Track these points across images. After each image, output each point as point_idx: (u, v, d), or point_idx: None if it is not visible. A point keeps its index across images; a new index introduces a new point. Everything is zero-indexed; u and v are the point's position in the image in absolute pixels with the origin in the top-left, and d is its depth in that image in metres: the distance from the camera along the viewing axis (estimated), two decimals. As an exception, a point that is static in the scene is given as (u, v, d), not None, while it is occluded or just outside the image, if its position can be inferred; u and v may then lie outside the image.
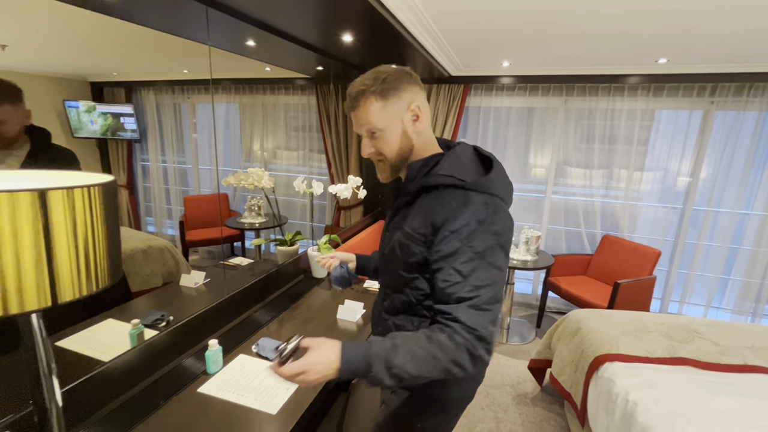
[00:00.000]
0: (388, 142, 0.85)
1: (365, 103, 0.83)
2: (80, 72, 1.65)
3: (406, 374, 0.70)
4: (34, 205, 0.56)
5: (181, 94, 2.75)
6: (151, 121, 2.34)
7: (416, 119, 0.85)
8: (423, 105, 0.86)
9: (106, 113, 1.83)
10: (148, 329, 1.33)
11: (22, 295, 0.58)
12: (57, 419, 0.74)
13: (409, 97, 0.84)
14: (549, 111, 3.14)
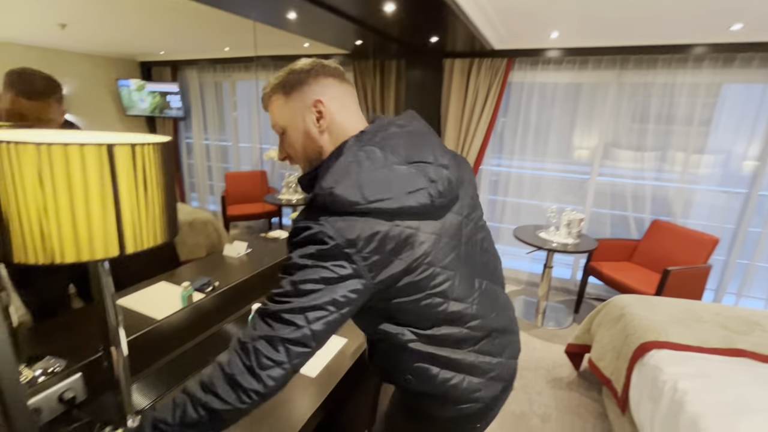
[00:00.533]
0: (291, 142, 0.78)
1: (271, 100, 0.78)
2: (130, 52, 1.72)
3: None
4: (102, 158, 0.59)
5: (222, 72, 2.81)
6: (194, 100, 2.42)
7: (319, 117, 0.74)
8: (332, 101, 0.75)
9: (154, 92, 1.91)
10: (196, 293, 1.41)
11: (92, 244, 0.62)
12: (123, 364, 0.80)
13: (315, 92, 0.74)
14: (599, 87, 2.94)
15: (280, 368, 0.64)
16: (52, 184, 0.57)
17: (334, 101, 0.76)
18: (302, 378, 1.11)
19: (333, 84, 0.76)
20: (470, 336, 0.79)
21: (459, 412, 0.83)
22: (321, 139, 0.76)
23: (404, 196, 0.68)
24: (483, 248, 0.86)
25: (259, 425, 0.93)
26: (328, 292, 0.65)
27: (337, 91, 0.76)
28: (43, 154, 0.56)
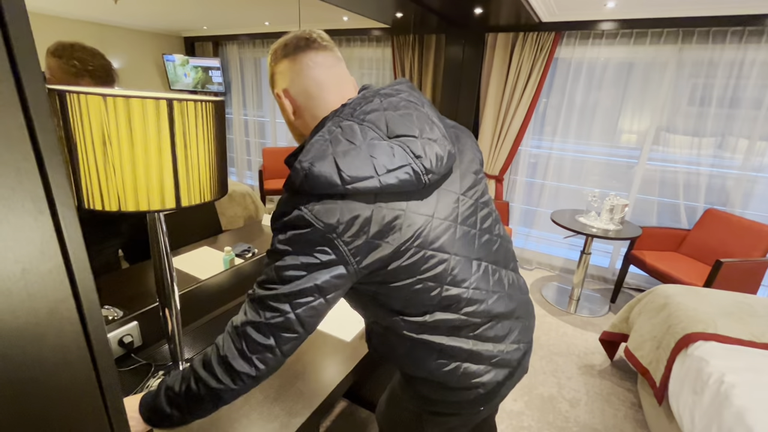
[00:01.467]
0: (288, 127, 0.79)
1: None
2: (175, 27, 1.76)
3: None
4: (161, 111, 0.62)
5: (261, 47, 2.84)
6: (234, 75, 2.47)
7: (291, 103, 0.74)
8: (294, 84, 0.72)
9: (197, 66, 1.96)
10: (237, 258, 1.47)
11: (150, 195, 0.66)
12: (176, 315, 0.85)
13: (279, 83, 0.74)
14: (655, 66, 2.72)
15: (269, 353, 0.64)
16: (117, 134, 0.60)
17: (296, 83, 0.72)
18: (336, 341, 1.14)
19: (289, 67, 0.72)
20: (468, 322, 0.75)
21: (458, 397, 0.81)
22: (297, 123, 0.76)
23: (385, 175, 0.62)
24: (484, 228, 0.80)
25: (291, 385, 0.97)
26: (310, 278, 0.62)
27: (296, 70, 0.72)
28: (109, 105, 0.59)
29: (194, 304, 1.23)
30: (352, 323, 1.22)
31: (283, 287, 0.62)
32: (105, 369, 0.43)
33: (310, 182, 0.60)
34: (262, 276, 0.66)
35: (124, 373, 0.97)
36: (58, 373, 0.39)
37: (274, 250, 0.64)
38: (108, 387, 0.44)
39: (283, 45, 0.73)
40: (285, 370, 1.02)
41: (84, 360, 0.42)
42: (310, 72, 0.72)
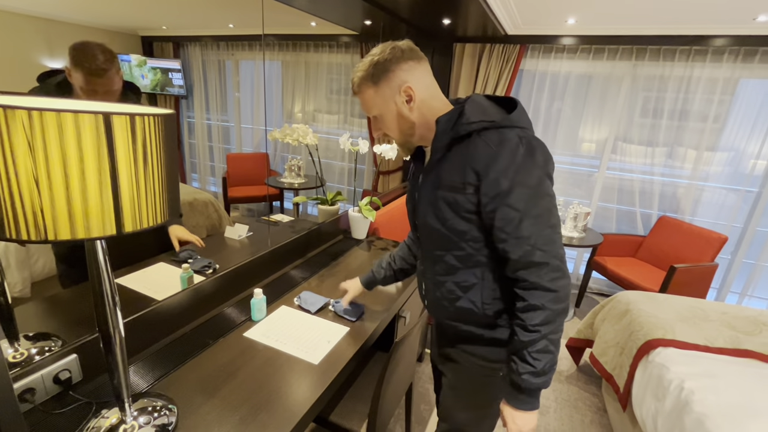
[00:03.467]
0: (387, 124, 0.89)
1: (362, 91, 0.88)
2: (131, 25, 1.65)
3: (546, 367, 0.82)
4: (99, 127, 0.55)
5: (225, 50, 2.73)
6: (197, 78, 2.35)
7: (409, 99, 0.85)
8: (417, 82, 0.85)
9: (156, 68, 1.84)
10: (196, 275, 1.37)
11: (88, 221, 0.58)
12: (120, 346, 0.77)
13: (401, 78, 0.84)
14: (612, 79, 2.86)
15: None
16: (44, 153, 0.53)
17: (419, 82, 0.85)
18: (304, 365, 1.08)
19: (414, 67, 0.85)
20: None
21: None
22: (412, 116, 0.87)
23: None
24: None
25: (253, 418, 0.91)
26: None
27: (419, 71, 0.85)
28: (35, 121, 0.51)
29: (148, 328, 1.13)
30: (320, 345, 1.17)
31: (552, 200, 0.83)
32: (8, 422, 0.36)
33: (520, 119, 0.83)
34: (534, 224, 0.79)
35: (60, 416, 0.86)
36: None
37: (534, 177, 0.79)
38: None
39: (400, 50, 0.84)
40: (246, 400, 0.95)
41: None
42: (424, 74, 0.87)
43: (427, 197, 0.91)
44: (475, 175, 0.80)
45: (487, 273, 0.89)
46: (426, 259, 0.99)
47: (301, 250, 1.82)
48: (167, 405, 0.88)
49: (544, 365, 0.81)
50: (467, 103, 0.85)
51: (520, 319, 0.82)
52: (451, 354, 1.04)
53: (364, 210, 1.92)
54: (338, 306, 1.34)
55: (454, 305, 0.94)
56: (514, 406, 0.86)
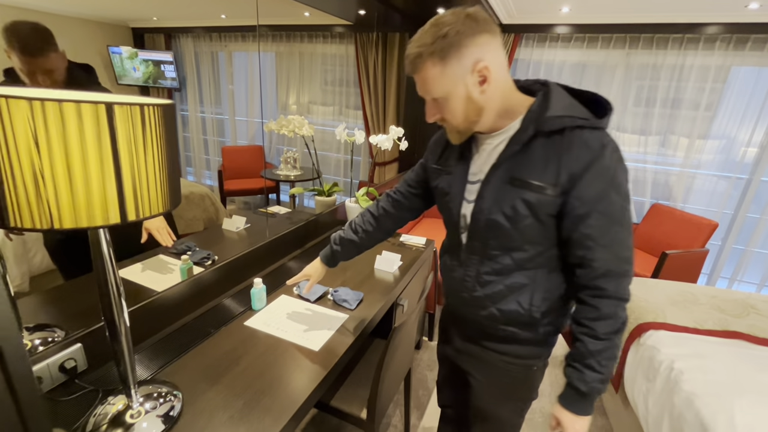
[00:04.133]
0: (450, 109, 0.78)
1: (423, 68, 0.75)
2: (121, 16, 1.63)
3: (612, 372, 0.81)
4: (101, 117, 0.56)
5: (218, 41, 2.70)
6: (189, 70, 2.33)
7: (483, 81, 0.73)
8: (493, 61, 0.73)
9: (148, 60, 1.82)
10: (195, 266, 1.39)
11: (91, 209, 0.59)
12: (125, 335, 0.78)
13: (474, 55, 0.71)
14: (606, 68, 2.87)
15: None
16: (47, 143, 0.53)
17: (495, 59, 0.73)
18: (305, 351, 1.11)
19: (489, 41, 0.72)
20: None
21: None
22: (482, 100, 0.76)
23: None
24: None
25: (257, 403, 0.93)
26: None
27: (494, 46, 0.73)
28: (36, 111, 0.52)
29: (149, 319, 1.14)
30: (320, 332, 1.19)
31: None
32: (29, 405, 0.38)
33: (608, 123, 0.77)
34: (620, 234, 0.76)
35: (68, 403, 0.88)
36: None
37: (625, 187, 0.76)
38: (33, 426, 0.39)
39: (474, 19, 0.71)
40: (249, 386, 0.97)
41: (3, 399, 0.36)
42: (499, 48, 0.75)
43: (494, 193, 0.82)
44: (569, 176, 0.73)
45: (541, 275, 0.85)
46: (471, 256, 0.90)
47: (299, 241, 1.83)
48: (172, 391, 0.90)
49: (611, 371, 0.80)
50: (552, 93, 0.76)
51: (589, 327, 0.79)
52: (478, 353, 1.01)
53: (361, 200, 1.93)
54: (337, 294, 1.36)
55: (497, 306, 0.89)
56: (575, 411, 0.83)
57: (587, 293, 0.80)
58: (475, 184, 0.86)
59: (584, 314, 0.80)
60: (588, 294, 0.80)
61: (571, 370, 0.83)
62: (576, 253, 0.79)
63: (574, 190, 0.74)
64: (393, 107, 3.20)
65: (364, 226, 1.15)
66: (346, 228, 1.18)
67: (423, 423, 1.77)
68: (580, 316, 0.81)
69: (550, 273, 0.85)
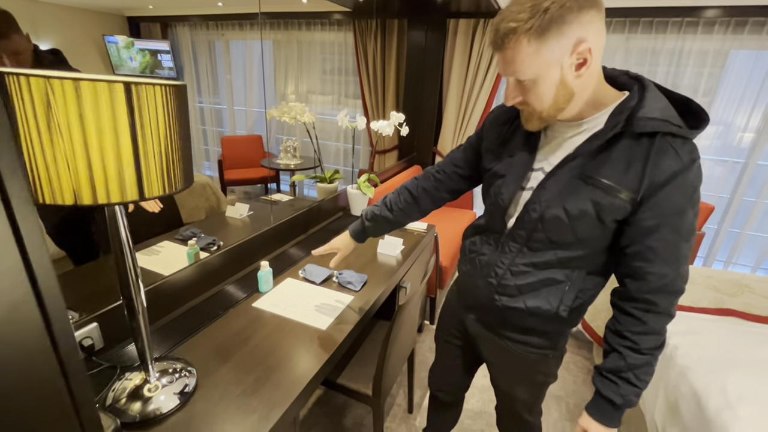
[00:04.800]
0: (538, 94, 0.70)
1: (515, 46, 0.66)
2: (116, 5, 1.62)
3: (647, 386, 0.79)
4: (118, 96, 0.57)
5: (215, 30, 2.68)
6: (186, 59, 2.32)
7: (582, 64, 0.66)
8: (597, 42, 0.65)
9: (144, 50, 1.81)
10: (202, 251, 1.41)
11: (108, 187, 0.61)
12: (143, 313, 0.81)
13: (577, 34, 0.63)
14: (605, 53, 2.84)
15: None
16: (66, 121, 0.55)
17: (598, 40, 0.65)
18: (311, 331, 1.14)
19: (594, 18, 0.63)
20: None
21: None
22: (575, 85, 0.68)
23: None
24: None
25: (267, 378, 0.96)
26: None
27: (598, 24, 0.64)
28: (56, 88, 0.54)
29: (159, 302, 1.17)
30: (326, 312, 1.22)
31: None
32: (73, 372, 0.41)
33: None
34: (684, 251, 0.72)
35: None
36: (22, 378, 0.36)
37: (698, 206, 0.72)
38: (77, 390, 0.42)
39: None
40: (259, 363, 1.00)
41: (50, 364, 0.39)
42: (601, 30, 0.66)
43: (560, 186, 0.76)
44: (650, 184, 0.68)
45: (578, 275, 0.81)
46: (512, 244, 0.86)
47: (302, 227, 1.86)
48: (186, 367, 0.94)
49: (647, 385, 0.78)
50: (648, 91, 0.70)
51: (633, 341, 0.76)
52: (493, 340, 1.00)
53: (362, 187, 1.96)
54: (342, 277, 1.39)
55: (524, 297, 0.86)
56: (605, 423, 0.81)
57: (636, 306, 0.75)
58: (537, 172, 0.81)
59: (628, 327, 0.76)
60: (636, 307, 0.75)
61: (605, 382, 0.80)
62: (632, 264, 0.74)
63: (652, 199, 0.69)
64: (392, 95, 3.19)
65: (400, 204, 1.08)
66: (380, 204, 1.11)
67: (425, 403, 1.82)
68: (624, 328, 0.77)
69: (588, 275, 0.82)
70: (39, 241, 0.35)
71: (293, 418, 0.93)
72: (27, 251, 0.34)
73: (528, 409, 1.08)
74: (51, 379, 0.39)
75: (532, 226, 0.81)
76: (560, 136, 0.78)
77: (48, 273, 0.36)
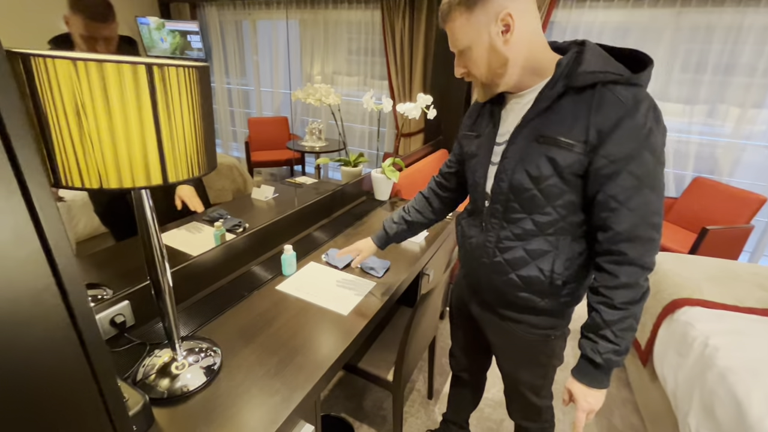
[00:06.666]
0: (474, 60, 0.78)
1: (452, 19, 0.77)
2: None
3: (628, 344, 0.78)
4: (141, 78, 0.56)
5: (242, 9, 2.67)
6: (215, 40, 2.32)
7: (506, 30, 0.73)
8: (519, 9, 0.72)
9: (174, 31, 1.82)
10: (228, 233, 1.43)
11: (133, 170, 0.61)
12: (168, 291, 0.83)
13: (500, 3, 0.71)
14: (651, 31, 2.65)
15: None
16: (92, 104, 0.55)
17: (521, 10, 0.72)
18: (334, 316, 1.14)
19: None
20: None
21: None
22: (506, 51, 0.75)
23: None
24: None
25: (290, 360, 0.97)
26: None
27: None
28: (80, 70, 0.53)
29: (187, 282, 1.20)
30: (349, 298, 1.22)
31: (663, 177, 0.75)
32: (97, 356, 0.41)
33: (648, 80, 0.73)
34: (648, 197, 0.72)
35: (118, 354, 0.95)
36: (47, 363, 0.37)
37: (659, 147, 0.72)
38: (101, 373, 0.42)
39: None
40: (283, 345, 1.02)
41: (74, 348, 0.39)
42: (534, 3, 0.75)
43: (518, 152, 0.80)
44: (597, 133, 0.71)
45: (564, 242, 0.83)
46: (492, 221, 0.89)
47: (326, 211, 1.86)
48: (212, 347, 0.96)
49: (628, 343, 0.77)
50: (586, 50, 0.74)
51: (606, 296, 0.77)
52: (495, 321, 1.02)
53: (387, 171, 1.92)
54: (365, 262, 1.38)
55: (517, 272, 0.88)
56: (587, 384, 0.82)
57: (607, 259, 0.77)
58: (501, 146, 0.85)
59: (602, 282, 0.78)
60: (608, 260, 0.77)
61: (585, 341, 0.82)
62: (600, 215, 0.76)
63: (603, 148, 0.71)
64: (420, 77, 3.10)
65: (416, 206, 1.17)
66: (399, 210, 1.20)
67: (445, 389, 1.82)
68: (598, 284, 0.79)
69: (574, 240, 0.83)
70: (58, 227, 0.34)
71: (314, 402, 0.94)
72: (46, 238, 0.34)
73: (535, 391, 1.08)
74: (76, 365, 0.39)
75: (505, 197, 0.85)
76: (515, 107, 0.83)
77: (68, 260, 0.35)
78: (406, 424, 1.64)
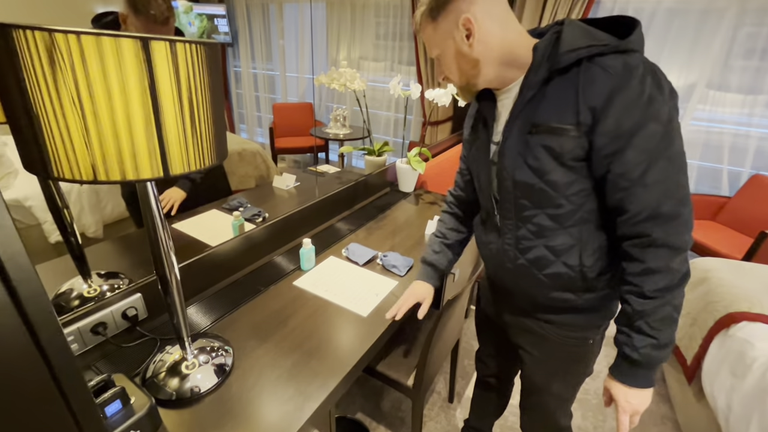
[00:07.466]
0: (447, 65, 0.79)
1: (422, 29, 0.79)
2: None
3: (670, 337, 0.71)
4: (138, 54, 0.49)
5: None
6: (241, 24, 2.26)
7: (469, 34, 0.72)
8: (481, 11, 0.70)
9: (202, 14, 1.78)
10: (247, 223, 1.39)
11: (137, 161, 0.55)
12: (176, 287, 0.78)
13: (459, 9, 0.71)
14: (711, 13, 2.39)
15: None
16: (86, 83, 0.49)
17: (483, 11, 0.71)
18: (352, 317, 1.07)
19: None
20: None
21: None
22: (473, 53, 0.74)
23: None
24: None
25: (305, 364, 0.91)
26: None
27: (479, 2, 0.71)
28: (72, 45, 0.46)
29: (205, 272, 1.16)
30: (369, 298, 1.15)
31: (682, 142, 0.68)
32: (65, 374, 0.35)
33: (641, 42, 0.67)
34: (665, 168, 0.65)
35: (130, 349, 0.92)
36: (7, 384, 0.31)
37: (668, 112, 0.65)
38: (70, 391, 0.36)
39: None
40: (298, 346, 0.96)
41: (37, 370, 0.33)
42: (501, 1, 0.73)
43: (515, 147, 0.75)
44: (590, 111, 0.65)
45: (587, 232, 0.76)
46: (506, 222, 0.84)
47: (348, 202, 1.78)
48: (224, 346, 0.91)
49: (669, 335, 0.69)
50: (565, 28, 0.69)
51: (634, 284, 0.70)
52: (531, 327, 0.93)
53: (412, 161, 1.82)
54: (386, 259, 1.31)
55: (543, 272, 0.81)
56: (627, 383, 0.75)
57: (629, 243, 0.70)
58: (497, 144, 0.81)
59: (628, 269, 0.71)
60: (630, 244, 0.70)
61: (620, 336, 0.75)
62: (613, 197, 0.69)
63: (600, 125, 0.65)
64: (450, 61, 2.94)
65: (447, 226, 1.11)
66: (431, 241, 1.13)
67: (467, 393, 1.74)
68: (625, 273, 0.72)
69: (598, 228, 0.76)
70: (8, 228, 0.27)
71: (329, 411, 0.88)
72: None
73: (562, 406, 1.01)
74: (40, 385, 0.33)
75: (511, 194, 0.80)
76: (505, 103, 0.80)
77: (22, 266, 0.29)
78: (425, 428, 1.57)
